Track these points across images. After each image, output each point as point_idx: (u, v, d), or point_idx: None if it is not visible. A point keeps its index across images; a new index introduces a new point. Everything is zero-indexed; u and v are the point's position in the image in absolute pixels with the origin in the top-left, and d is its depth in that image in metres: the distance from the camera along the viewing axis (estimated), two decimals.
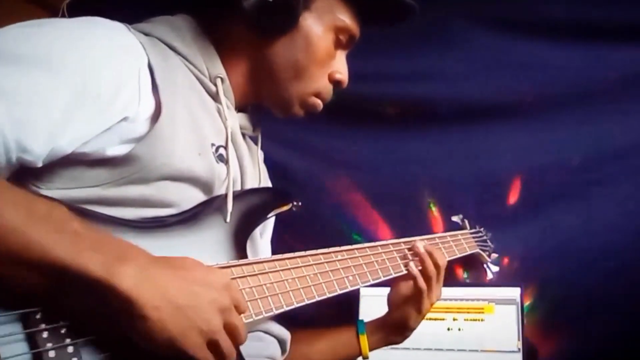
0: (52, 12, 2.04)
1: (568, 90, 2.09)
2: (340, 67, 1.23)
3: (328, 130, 2.20)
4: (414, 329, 1.43)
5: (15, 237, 0.74)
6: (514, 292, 2.03)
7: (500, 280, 1.98)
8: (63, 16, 2.00)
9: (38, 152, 0.86)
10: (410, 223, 2.23)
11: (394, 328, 1.44)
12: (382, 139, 2.25)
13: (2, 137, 0.81)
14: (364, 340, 1.43)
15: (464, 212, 1.78)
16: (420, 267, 1.38)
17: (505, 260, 2.04)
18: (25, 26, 0.92)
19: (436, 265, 1.39)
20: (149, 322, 0.79)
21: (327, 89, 1.23)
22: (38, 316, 0.79)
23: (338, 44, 1.21)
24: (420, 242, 1.41)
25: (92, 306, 0.79)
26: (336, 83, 1.24)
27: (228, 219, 1.08)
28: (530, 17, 2.09)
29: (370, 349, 1.44)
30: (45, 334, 0.78)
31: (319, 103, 1.24)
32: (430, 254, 1.39)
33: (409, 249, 1.40)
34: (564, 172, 2.10)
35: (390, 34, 2.16)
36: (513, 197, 2.15)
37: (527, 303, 2.06)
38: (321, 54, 1.18)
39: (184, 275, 0.85)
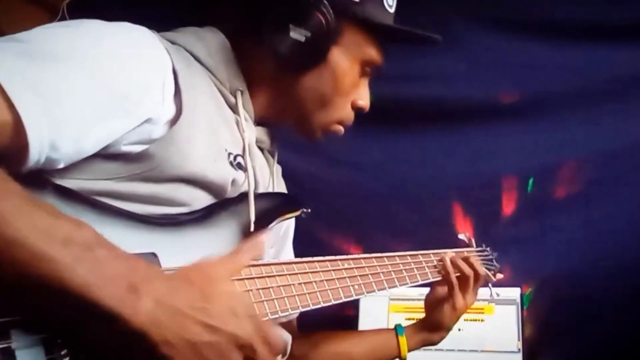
0: (53, 12, 2.04)
1: (568, 90, 2.09)
2: (363, 94, 1.23)
3: None
4: (450, 327, 1.51)
5: (33, 262, 0.73)
6: (514, 293, 2.03)
7: (500, 281, 1.98)
8: (63, 16, 2.00)
9: (65, 152, 0.85)
10: (408, 223, 2.24)
11: (431, 327, 1.52)
12: (381, 139, 2.25)
13: (40, 136, 0.80)
14: (403, 341, 1.50)
15: (464, 211, 1.78)
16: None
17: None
18: (58, 26, 0.92)
19: (471, 267, 1.48)
20: (162, 358, 0.79)
21: (350, 115, 1.23)
22: (60, 341, 0.78)
23: (362, 74, 1.21)
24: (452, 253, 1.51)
25: (108, 335, 0.78)
26: (358, 109, 1.24)
27: (252, 228, 1.07)
28: (530, 17, 2.09)
29: (409, 350, 1.51)
30: None
31: (340, 129, 1.24)
32: (465, 259, 1.49)
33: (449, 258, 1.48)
34: (564, 172, 2.10)
35: None
36: (513, 197, 2.16)
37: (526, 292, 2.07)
38: (347, 86, 1.18)
39: (203, 307, 0.83)
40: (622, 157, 2.05)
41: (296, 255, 1.15)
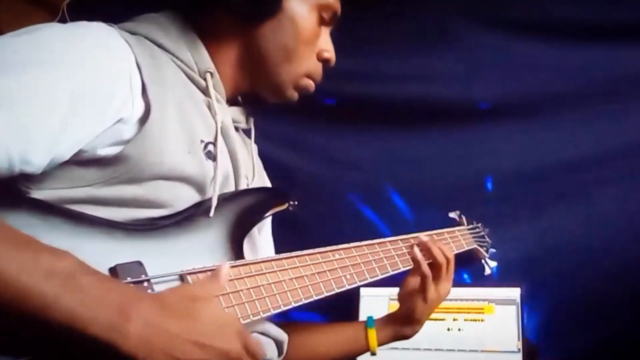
0: (53, 12, 2.05)
1: (568, 90, 2.09)
2: (326, 45, 1.23)
3: (328, 130, 2.21)
4: (422, 320, 1.42)
5: (18, 299, 0.73)
6: (514, 292, 2.03)
7: (500, 280, 1.98)
8: (63, 16, 2.01)
9: (39, 163, 0.85)
10: (408, 222, 2.24)
11: (402, 321, 1.43)
12: (381, 139, 2.26)
13: (7, 150, 0.80)
14: (372, 334, 1.42)
15: (463, 212, 1.78)
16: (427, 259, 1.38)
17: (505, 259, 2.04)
18: (16, 35, 0.91)
19: (446, 257, 1.39)
20: None
21: (317, 68, 1.23)
22: None
23: (321, 22, 1.21)
24: (425, 236, 1.42)
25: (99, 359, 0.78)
26: (325, 61, 1.24)
27: (211, 214, 1.06)
28: (530, 17, 2.09)
29: (379, 344, 1.43)
30: None
31: (311, 84, 1.24)
32: (438, 246, 1.40)
33: (418, 244, 1.40)
34: (564, 172, 2.10)
35: (390, 34, 2.17)
36: (513, 197, 2.15)
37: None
38: (308, 33, 1.18)
39: (191, 326, 0.84)
40: (622, 157, 2.05)
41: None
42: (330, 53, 1.23)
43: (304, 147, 2.31)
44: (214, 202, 1.07)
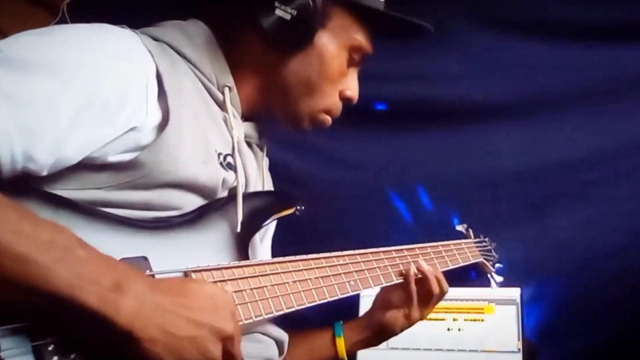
0: (53, 12, 2.04)
1: (568, 90, 2.09)
2: (351, 84, 1.23)
3: (328, 130, 2.20)
4: (397, 334, 1.43)
5: (17, 265, 0.73)
6: (514, 292, 2.03)
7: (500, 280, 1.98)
8: (63, 16, 2.00)
9: (43, 161, 0.85)
10: (408, 222, 2.24)
11: (378, 331, 1.43)
12: (381, 139, 2.25)
13: (10, 145, 0.80)
14: (340, 342, 1.42)
15: (464, 212, 1.78)
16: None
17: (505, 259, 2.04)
18: (34, 34, 0.91)
19: (441, 290, 1.39)
20: (146, 354, 0.79)
21: (337, 105, 1.23)
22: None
23: (351, 62, 1.21)
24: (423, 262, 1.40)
25: (91, 333, 0.79)
26: (346, 99, 1.23)
27: (239, 229, 1.07)
28: (530, 17, 2.09)
29: (349, 352, 1.44)
30: (51, 347, 0.78)
31: (328, 119, 1.23)
32: (437, 277, 1.39)
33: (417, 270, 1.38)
34: (564, 172, 2.10)
35: None
36: (513, 197, 2.15)
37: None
38: (334, 72, 1.18)
39: (185, 303, 0.85)
40: (621, 157, 2.05)
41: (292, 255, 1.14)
42: (353, 92, 1.23)
43: (304, 147, 2.30)
44: (240, 217, 1.08)
